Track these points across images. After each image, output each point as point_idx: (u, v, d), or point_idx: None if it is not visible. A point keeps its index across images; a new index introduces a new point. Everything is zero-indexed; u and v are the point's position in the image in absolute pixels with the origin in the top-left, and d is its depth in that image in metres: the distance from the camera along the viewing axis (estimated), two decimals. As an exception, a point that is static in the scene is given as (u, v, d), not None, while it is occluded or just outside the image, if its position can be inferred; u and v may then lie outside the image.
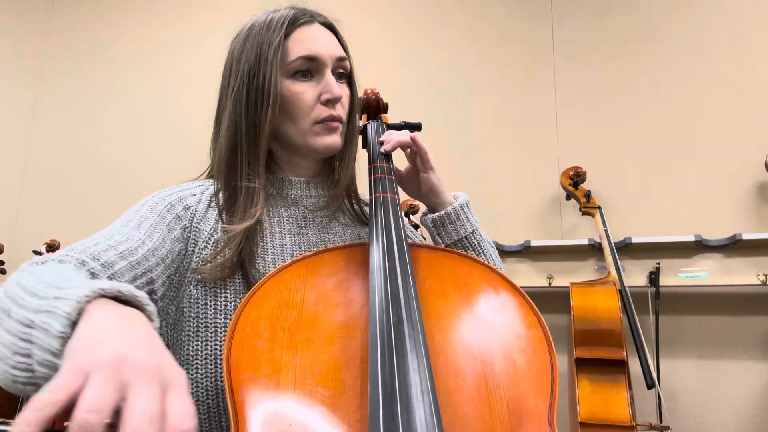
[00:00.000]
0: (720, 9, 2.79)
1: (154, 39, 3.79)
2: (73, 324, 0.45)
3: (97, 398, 0.36)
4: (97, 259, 0.67)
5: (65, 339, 0.45)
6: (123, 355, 0.39)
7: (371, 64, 0.94)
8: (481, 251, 0.92)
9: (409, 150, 0.91)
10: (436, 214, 0.91)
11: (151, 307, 0.51)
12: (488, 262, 0.92)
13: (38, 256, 0.65)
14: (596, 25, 2.97)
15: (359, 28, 0.92)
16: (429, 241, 0.98)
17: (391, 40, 3.21)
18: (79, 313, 0.46)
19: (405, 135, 0.90)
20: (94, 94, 3.81)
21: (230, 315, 0.78)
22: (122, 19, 3.88)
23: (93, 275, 0.64)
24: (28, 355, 0.47)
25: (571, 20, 3.02)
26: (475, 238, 0.92)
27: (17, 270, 0.61)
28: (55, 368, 0.45)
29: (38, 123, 3.89)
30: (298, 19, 0.86)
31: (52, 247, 3.28)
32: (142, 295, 0.51)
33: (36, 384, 0.47)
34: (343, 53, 0.87)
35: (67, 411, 0.36)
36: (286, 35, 0.84)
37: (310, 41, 0.84)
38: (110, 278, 0.66)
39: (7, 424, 2.74)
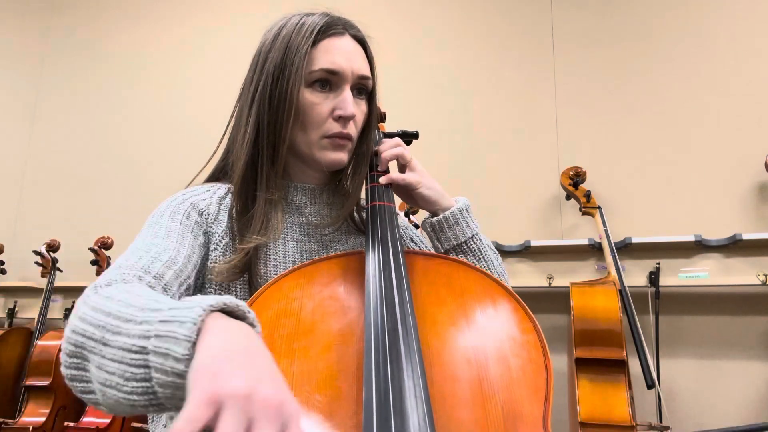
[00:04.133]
0: (720, 8, 2.79)
1: (153, 39, 3.79)
2: (193, 344, 0.47)
3: None
4: (149, 272, 0.68)
5: (190, 360, 0.46)
6: (251, 390, 0.41)
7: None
8: (481, 256, 0.91)
9: (398, 163, 0.92)
10: (435, 218, 0.91)
11: (252, 315, 0.53)
12: (489, 268, 0.91)
13: (100, 279, 0.64)
14: (596, 25, 2.97)
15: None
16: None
17: (390, 40, 3.21)
18: (197, 333, 0.47)
19: (395, 149, 0.91)
20: (94, 95, 3.82)
21: None
22: (122, 20, 3.89)
23: (150, 288, 0.65)
24: (147, 380, 0.49)
25: (571, 20, 3.02)
26: (474, 243, 0.91)
27: (85, 295, 0.61)
28: (178, 387, 0.47)
29: (38, 123, 3.90)
30: (329, 29, 0.85)
31: (52, 247, 3.29)
32: (243, 305, 0.53)
33: (159, 404, 0.49)
34: (366, 72, 0.86)
35: None
36: (314, 43, 0.83)
37: (335, 53, 0.83)
38: (164, 289, 0.68)
39: (7, 424, 2.75)
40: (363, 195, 0.93)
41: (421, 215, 2.75)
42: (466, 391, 0.61)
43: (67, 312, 3.29)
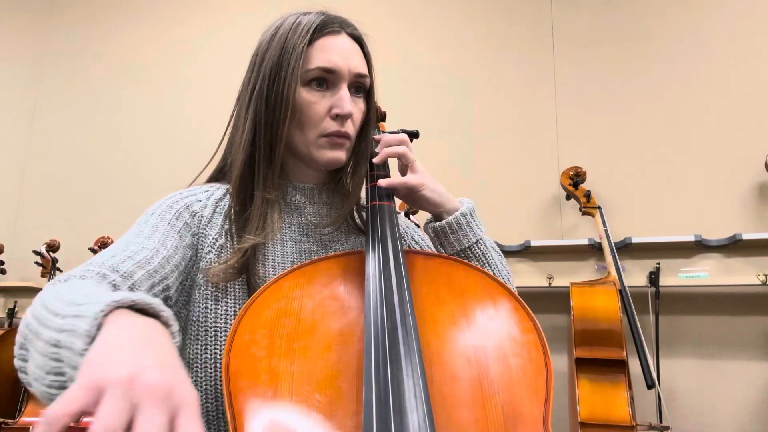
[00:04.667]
0: (721, 8, 2.79)
1: (153, 40, 3.79)
2: (93, 339, 0.47)
3: (111, 419, 0.36)
4: (117, 271, 0.68)
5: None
6: (134, 375, 0.39)
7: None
8: (486, 261, 0.90)
9: (399, 163, 0.91)
10: (438, 224, 0.89)
11: (167, 313, 0.52)
12: (494, 272, 0.89)
13: (62, 274, 0.66)
14: (596, 25, 2.97)
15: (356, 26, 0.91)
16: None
17: (390, 40, 3.21)
18: (98, 328, 0.47)
19: (398, 148, 0.89)
20: (94, 95, 3.82)
21: (230, 320, 0.79)
22: (122, 20, 3.89)
23: (115, 287, 0.65)
24: (61, 374, 0.49)
25: (571, 20, 3.02)
26: (479, 248, 0.89)
27: (43, 290, 0.62)
28: None
29: (38, 123, 3.90)
30: (325, 27, 0.84)
31: (52, 247, 3.28)
32: (156, 302, 0.52)
33: None
34: (363, 70, 0.86)
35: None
36: (310, 42, 0.83)
37: (331, 52, 0.83)
38: (131, 288, 0.68)
39: (7, 424, 2.75)
40: (363, 194, 0.92)
41: (421, 215, 2.75)
42: (466, 391, 0.61)
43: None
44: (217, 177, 0.94)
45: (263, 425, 0.56)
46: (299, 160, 0.89)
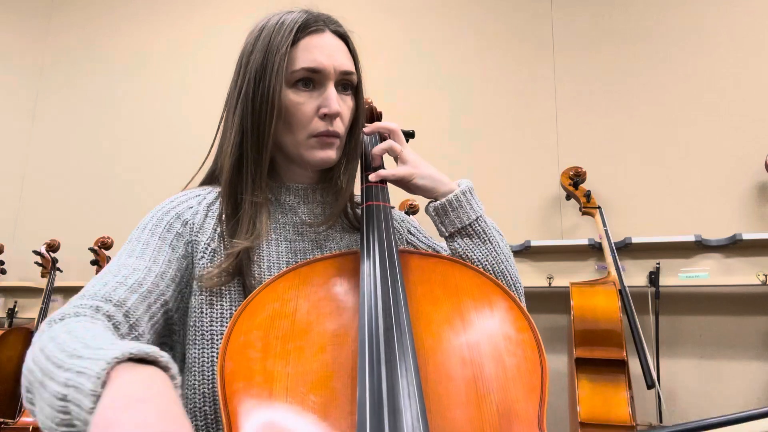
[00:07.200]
0: (721, 8, 2.78)
1: (153, 41, 3.80)
2: (98, 397, 0.47)
3: None
4: (110, 300, 0.67)
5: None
6: None
7: (368, 64, 0.93)
8: (486, 238, 0.90)
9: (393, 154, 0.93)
10: (438, 202, 0.90)
11: (165, 358, 0.52)
12: (495, 250, 0.90)
13: (56, 312, 0.64)
14: (596, 25, 2.97)
15: (356, 26, 0.91)
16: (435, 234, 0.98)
17: (389, 38, 3.21)
18: (103, 385, 0.47)
19: (381, 145, 0.91)
20: (94, 95, 3.83)
21: (226, 322, 0.79)
22: (122, 21, 3.89)
23: (109, 317, 0.65)
24: (72, 425, 0.49)
25: (572, 20, 3.02)
26: (479, 224, 0.90)
27: (40, 330, 0.61)
28: None
29: (38, 124, 3.90)
30: (308, 26, 0.84)
31: (52, 247, 3.29)
32: (152, 350, 0.52)
33: None
34: (349, 67, 0.85)
35: None
36: (294, 42, 0.82)
37: (316, 51, 0.82)
38: (126, 315, 0.67)
39: (6, 424, 2.76)
40: (358, 192, 0.93)
41: (421, 215, 2.75)
42: (460, 390, 0.61)
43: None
44: (210, 180, 0.94)
45: (258, 426, 0.56)
46: (290, 161, 0.89)
